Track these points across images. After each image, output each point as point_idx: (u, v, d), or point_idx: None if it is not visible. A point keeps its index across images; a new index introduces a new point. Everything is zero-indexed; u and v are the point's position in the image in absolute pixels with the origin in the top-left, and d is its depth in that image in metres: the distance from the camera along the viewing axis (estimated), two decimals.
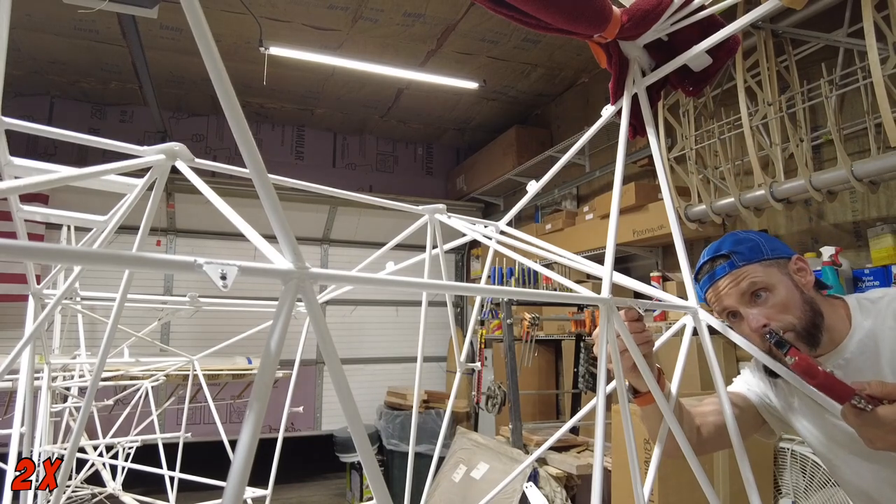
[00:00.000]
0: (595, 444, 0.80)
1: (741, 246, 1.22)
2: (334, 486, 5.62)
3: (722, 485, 2.38)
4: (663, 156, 2.42)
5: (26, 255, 0.44)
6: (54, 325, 3.55)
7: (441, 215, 1.35)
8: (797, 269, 1.22)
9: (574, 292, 0.93)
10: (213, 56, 0.51)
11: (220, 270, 0.48)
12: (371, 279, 0.64)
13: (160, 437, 2.49)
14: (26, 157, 1.06)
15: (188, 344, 4.92)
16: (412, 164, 7.02)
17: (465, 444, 3.37)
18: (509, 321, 3.36)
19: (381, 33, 4.37)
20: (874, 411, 0.89)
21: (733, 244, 1.23)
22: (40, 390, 1.86)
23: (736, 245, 1.23)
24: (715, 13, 1.01)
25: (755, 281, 1.18)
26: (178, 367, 2.65)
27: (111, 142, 0.99)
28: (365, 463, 0.57)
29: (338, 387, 0.56)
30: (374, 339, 6.19)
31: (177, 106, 5.86)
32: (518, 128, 5.52)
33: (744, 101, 2.83)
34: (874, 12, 2.26)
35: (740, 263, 1.20)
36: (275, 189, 0.56)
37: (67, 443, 2.50)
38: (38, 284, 1.30)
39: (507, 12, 0.91)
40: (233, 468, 0.47)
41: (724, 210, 3.11)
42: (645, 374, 0.91)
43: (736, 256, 1.21)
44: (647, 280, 2.20)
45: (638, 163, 4.07)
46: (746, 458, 0.97)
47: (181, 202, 5.30)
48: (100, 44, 4.52)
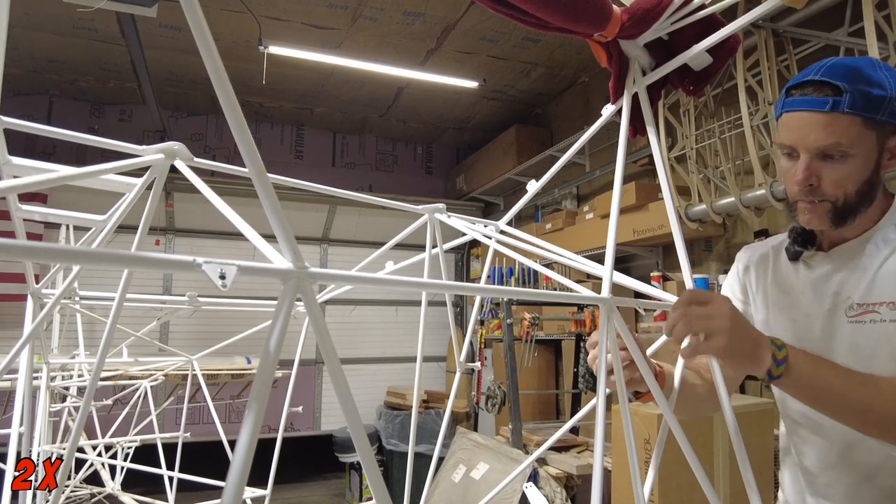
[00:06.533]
0: (595, 444, 0.80)
1: (863, 87, 0.96)
2: (334, 487, 5.62)
3: (722, 485, 2.37)
4: (664, 155, 2.41)
5: (25, 254, 0.43)
6: (53, 324, 3.54)
7: (441, 215, 1.35)
8: (895, 147, 1.02)
9: (574, 292, 0.93)
10: (213, 55, 0.50)
11: (219, 270, 0.48)
12: (371, 279, 0.64)
13: (159, 437, 2.48)
14: (25, 156, 1.05)
15: (187, 344, 4.91)
16: (412, 164, 7.02)
17: (465, 444, 3.37)
18: (509, 321, 3.36)
19: (380, 32, 4.37)
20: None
21: (857, 80, 0.97)
22: (39, 390, 1.85)
23: (859, 83, 0.97)
24: (715, 12, 1.00)
25: (841, 144, 0.98)
26: (177, 366, 2.65)
27: (110, 141, 0.99)
28: (364, 463, 0.57)
29: (337, 387, 0.56)
30: (373, 338, 6.19)
31: (176, 105, 5.85)
32: (518, 127, 5.51)
33: (744, 100, 2.83)
34: (875, 11, 2.26)
35: (847, 110, 0.96)
36: (274, 188, 0.56)
37: (66, 443, 2.50)
38: (37, 284, 1.30)
39: (507, 11, 0.91)
40: (232, 468, 0.47)
41: (724, 210, 3.11)
42: (644, 373, 0.91)
43: (849, 98, 0.96)
44: (647, 280, 2.20)
45: (638, 162, 4.07)
46: (747, 459, 0.97)
47: (180, 201, 5.30)
48: (99, 43, 4.51)
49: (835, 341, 1.09)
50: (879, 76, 0.98)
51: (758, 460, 2.45)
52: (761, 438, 2.44)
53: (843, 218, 1.04)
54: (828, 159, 1.00)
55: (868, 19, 2.25)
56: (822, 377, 0.93)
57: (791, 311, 1.16)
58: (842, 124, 0.97)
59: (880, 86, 0.97)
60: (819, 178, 1.02)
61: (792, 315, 1.16)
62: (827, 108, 0.97)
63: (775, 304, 1.20)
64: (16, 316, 4.69)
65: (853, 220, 1.05)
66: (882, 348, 1.01)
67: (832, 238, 1.12)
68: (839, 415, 0.96)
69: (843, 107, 0.96)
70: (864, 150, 0.99)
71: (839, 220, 1.04)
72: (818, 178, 1.02)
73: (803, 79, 1.03)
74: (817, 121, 0.99)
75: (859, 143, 0.98)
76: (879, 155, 1.01)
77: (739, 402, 2.50)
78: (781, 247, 1.20)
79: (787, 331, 1.15)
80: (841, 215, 1.04)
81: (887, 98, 0.97)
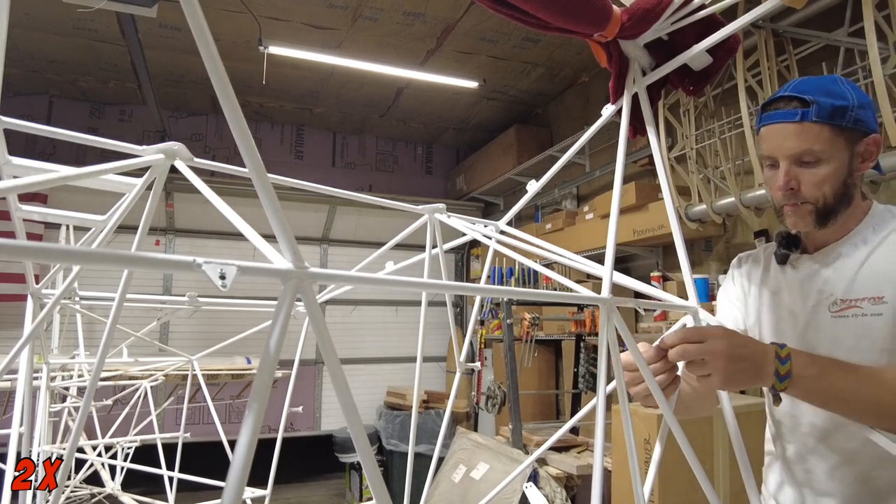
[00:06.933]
0: (595, 444, 0.80)
1: (828, 100, 1.08)
2: (334, 487, 5.62)
3: (722, 485, 2.38)
4: (664, 155, 2.41)
5: (25, 254, 0.43)
6: (53, 324, 3.54)
7: (441, 215, 1.35)
8: (864, 152, 1.13)
9: (574, 292, 0.93)
10: (213, 55, 0.50)
11: (219, 270, 0.48)
12: (370, 279, 0.64)
13: (159, 437, 2.48)
14: (25, 156, 1.05)
15: (187, 344, 4.91)
16: (412, 164, 7.02)
17: (465, 445, 3.37)
18: (509, 321, 3.36)
19: (380, 32, 4.37)
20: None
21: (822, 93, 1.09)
22: (39, 390, 1.85)
23: (823, 96, 1.08)
24: (715, 12, 1.00)
25: (813, 150, 1.09)
26: (177, 366, 2.65)
27: (110, 141, 0.99)
28: (364, 463, 0.57)
29: (337, 387, 0.56)
30: (373, 339, 6.19)
31: (176, 105, 5.85)
32: (518, 127, 5.51)
33: (744, 100, 2.83)
34: (875, 11, 2.26)
35: (813, 118, 1.08)
36: (274, 189, 0.56)
37: (66, 443, 2.50)
38: (37, 284, 1.30)
39: (508, 11, 0.91)
40: (232, 468, 0.47)
41: (724, 210, 3.11)
42: (648, 379, 0.91)
43: (815, 108, 1.07)
44: (647, 280, 2.20)
45: (638, 162, 4.07)
46: (747, 459, 0.97)
47: (180, 202, 5.30)
48: (99, 43, 4.51)
49: (816, 335, 1.16)
50: (842, 89, 1.11)
51: (758, 460, 2.44)
52: (761, 438, 2.43)
53: (825, 218, 1.13)
54: (804, 165, 1.11)
55: (868, 19, 2.25)
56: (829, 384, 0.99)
57: (777, 309, 1.24)
58: (812, 132, 1.08)
59: (842, 97, 1.09)
60: (798, 182, 1.12)
61: (778, 313, 1.24)
62: (797, 119, 1.09)
63: (763, 304, 1.28)
64: (16, 316, 4.69)
65: (835, 220, 1.14)
66: (862, 341, 1.09)
67: (816, 242, 1.21)
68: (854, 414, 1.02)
69: (811, 116, 1.08)
70: (835, 154, 1.09)
71: (822, 221, 1.14)
72: (798, 181, 1.12)
73: (775, 96, 1.15)
74: (790, 130, 1.10)
75: (830, 148, 1.09)
76: (851, 159, 1.11)
77: (739, 401, 2.50)
78: (771, 252, 1.30)
79: (773, 327, 1.24)
80: (822, 216, 1.13)
81: (849, 107, 1.08)
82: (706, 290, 3.21)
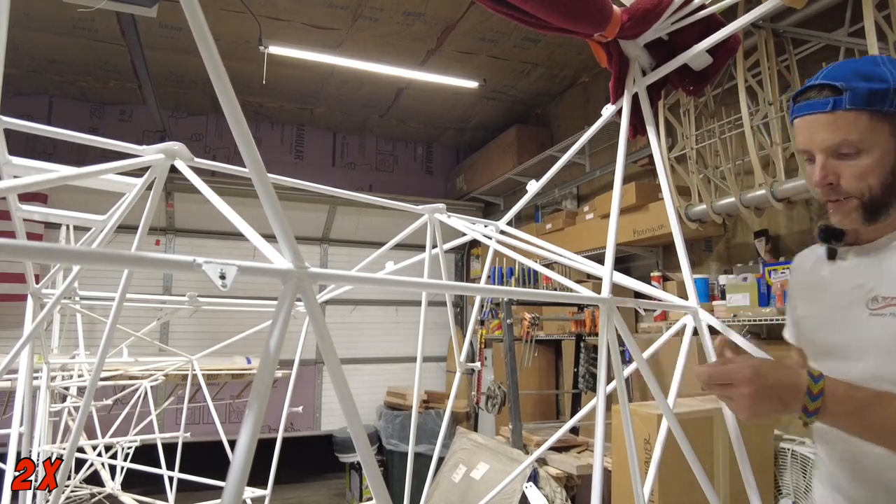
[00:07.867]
0: (595, 444, 0.80)
1: (864, 84, 0.99)
2: (334, 487, 5.62)
3: (722, 485, 2.37)
4: (664, 155, 2.41)
5: (25, 254, 0.43)
6: (53, 324, 3.54)
7: (441, 215, 1.35)
8: None
9: (574, 292, 0.93)
10: (213, 55, 0.51)
11: (219, 270, 0.48)
12: (371, 279, 0.64)
13: (159, 437, 2.49)
14: (25, 156, 1.05)
15: (187, 344, 4.91)
16: (412, 164, 7.02)
17: (465, 445, 3.37)
18: (509, 321, 3.36)
19: (380, 32, 4.37)
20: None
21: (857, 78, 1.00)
22: (39, 390, 1.85)
23: (859, 80, 0.99)
24: (715, 12, 1.00)
25: (850, 140, 0.99)
26: (177, 366, 2.65)
27: (110, 141, 0.99)
28: (364, 463, 0.57)
29: (337, 387, 0.56)
30: (373, 339, 6.19)
31: (176, 105, 5.85)
32: (518, 127, 5.52)
33: (744, 100, 2.83)
34: (875, 12, 2.26)
35: (848, 106, 0.99)
36: (274, 188, 0.56)
37: (66, 443, 2.50)
38: (37, 284, 1.30)
39: (508, 11, 0.91)
40: (232, 468, 0.47)
41: (724, 210, 3.11)
42: (648, 380, 0.91)
43: (849, 95, 0.99)
44: (647, 280, 2.20)
45: (638, 162, 4.07)
46: (747, 459, 0.97)
47: (180, 201, 5.30)
48: (99, 43, 4.51)
49: (850, 333, 1.09)
50: (881, 71, 1.00)
51: (758, 460, 2.45)
52: (761, 438, 2.44)
53: (873, 213, 1.04)
54: (843, 157, 1.02)
55: (868, 19, 2.25)
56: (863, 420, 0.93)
57: (817, 303, 1.19)
58: (847, 121, 0.99)
59: (882, 79, 0.99)
60: (838, 177, 1.03)
61: (818, 307, 1.18)
62: (828, 108, 1.00)
63: (807, 299, 1.23)
64: (16, 316, 4.68)
65: (886, 213, 1.04)
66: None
67: (868, 235, 1.12)
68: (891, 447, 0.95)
69: (845, 104, 0.99)
70: (878, 142, 1.00)
71: (870, 216, 1.04)
72: (837, 176, 1.03)
73: (807, 85, 1.06)
74: (822, 121, 1.02)
75: (870, 136, 0.99)
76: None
77: None
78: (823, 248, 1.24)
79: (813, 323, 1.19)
80: (870, 210, 1.04)
81: (891, 89, 0.98)
82: (706, 290, 3.21)
